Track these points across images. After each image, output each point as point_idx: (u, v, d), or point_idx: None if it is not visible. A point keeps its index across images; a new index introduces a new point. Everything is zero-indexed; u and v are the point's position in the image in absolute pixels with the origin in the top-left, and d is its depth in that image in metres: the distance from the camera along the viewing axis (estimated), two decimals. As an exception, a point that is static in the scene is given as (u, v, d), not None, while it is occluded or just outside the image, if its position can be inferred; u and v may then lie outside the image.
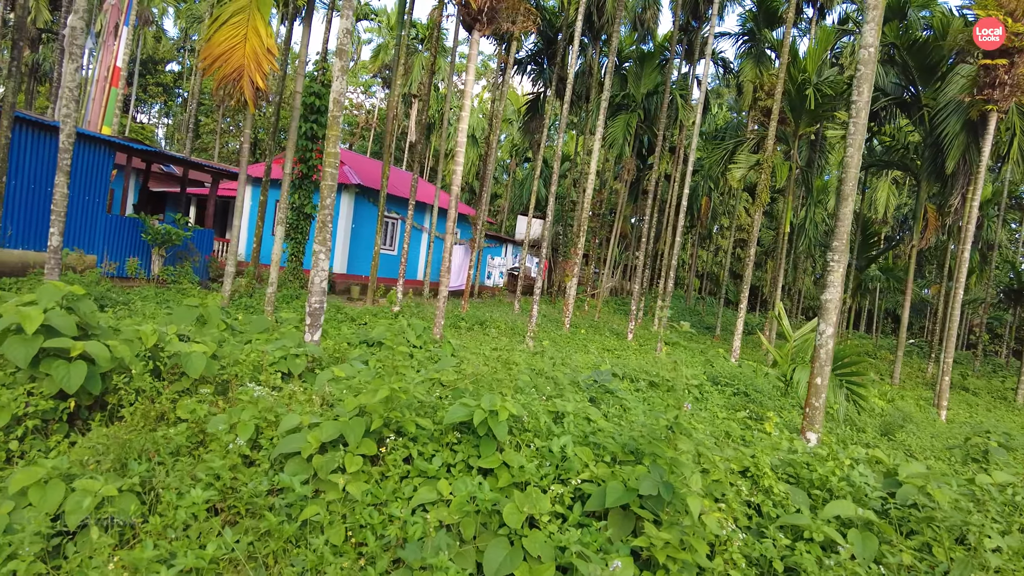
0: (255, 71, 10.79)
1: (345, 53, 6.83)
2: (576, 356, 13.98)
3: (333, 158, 6.83)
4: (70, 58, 8.37)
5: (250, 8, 10.77)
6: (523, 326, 18.25)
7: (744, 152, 20.54)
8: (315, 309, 6.85)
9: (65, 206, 8.50)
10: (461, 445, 4.34)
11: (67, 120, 8.39)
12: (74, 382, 4.44)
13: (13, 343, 4.45)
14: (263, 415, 4.52)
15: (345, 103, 15.04)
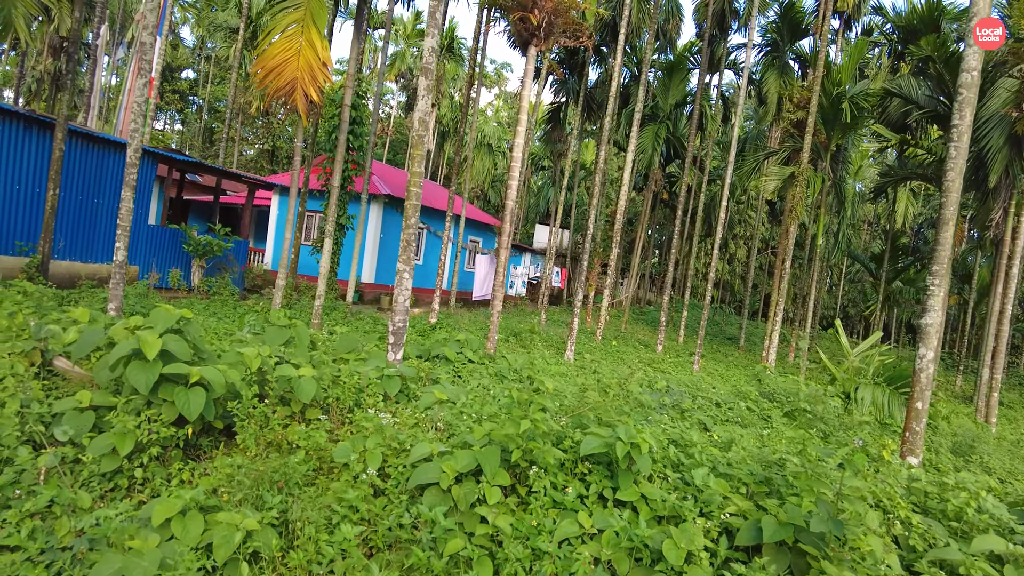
0: (309, 84, 10.75)
1: (431, 72, 6.79)
2: (621, 371, 13.89)
3: (418, 177, 6.77)
4: (140, 73, 8.34)
5: (305, 20, 10.75)
6: (556, 337, 18.15)
7: (775, 164, 20.46)
8: (398, 328, 6.78)
9: (131, 220, 8.46)
10: (593, 476, 4.26)
11: (135, 135, 8.35)
12: (194, 409, 4.38)
13: (135, 369, 4.39)
14: (388, 442, 4.45)
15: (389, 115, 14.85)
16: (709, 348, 24.70)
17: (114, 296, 8.42)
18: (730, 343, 29.32)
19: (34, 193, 11.65)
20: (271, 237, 23.28)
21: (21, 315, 5.50)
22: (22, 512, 3.69)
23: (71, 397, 4.65)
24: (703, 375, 15.90)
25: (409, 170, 6.80)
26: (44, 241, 11.11)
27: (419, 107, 6.68)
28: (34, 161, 11.58)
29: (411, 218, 6.80)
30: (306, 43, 10.71)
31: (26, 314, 5.66)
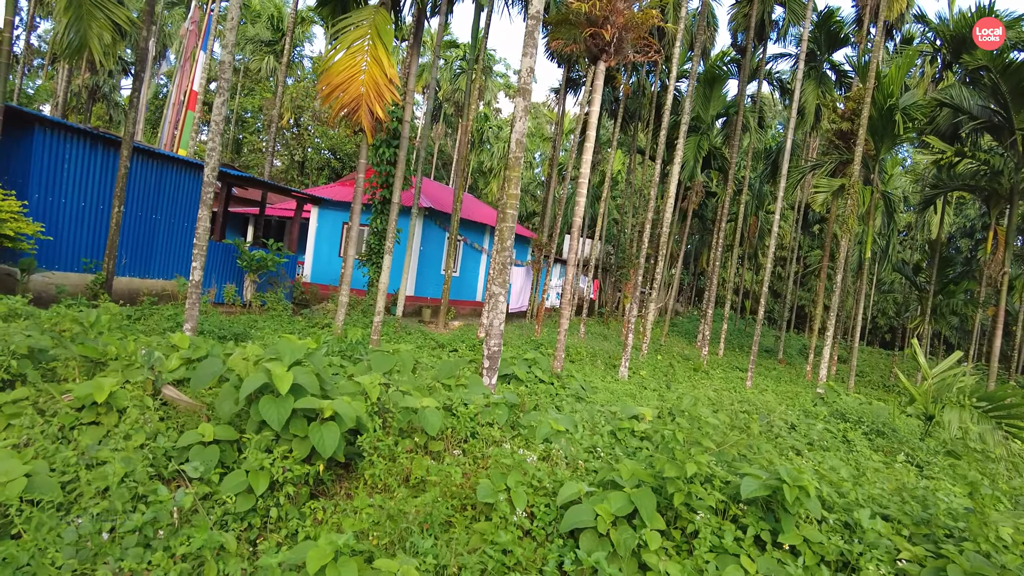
0: (375, 101, 10.69)
1: (528, 92, 6.66)
2: (680, 388, 13.64)
3: (515, 199, 6.63)
4: (218, 93, 8.30)
5: (371, 36, 10.70)
6: (602, 352, 17.93)
7: (821, 176, 20.17)
8: (494, 352, 6.63)
9: (207, 239, 8.40)
10: (748, 517, 4.07)
11: (212, 153, 8.31)
12: (328, 445, 4.25)
13: (267, 404, 4.27)
14: (529, 480, 4.29)
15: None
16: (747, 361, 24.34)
17: (190, 316, 8.36)
18: (768, 355, 28.92)
19: (98, 210, 11.67)
20: (310, 250, 23.30)
21: (132, 342, 5.41)
22: (170, 555, 3.59)
23: (193, 431, 4.54)
24: (758, 392, 15.62)
25: (505, 192, 6.67)
26: (108, 258, 11.10)
27: (516, 128, 6.55)
28: (98, 178, 11.61)
29: (507, 240, 6.66)
30: (372, 60, 10.65)
31: (137, 340, 5.57)
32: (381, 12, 10.81)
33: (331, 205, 22.78)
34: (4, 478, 3.86)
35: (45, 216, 10.71)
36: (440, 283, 23.56)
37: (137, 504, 4.05)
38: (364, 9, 10.90)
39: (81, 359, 5.39)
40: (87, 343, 5.52)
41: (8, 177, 10.47)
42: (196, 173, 13.75)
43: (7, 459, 4.07)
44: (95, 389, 4.66)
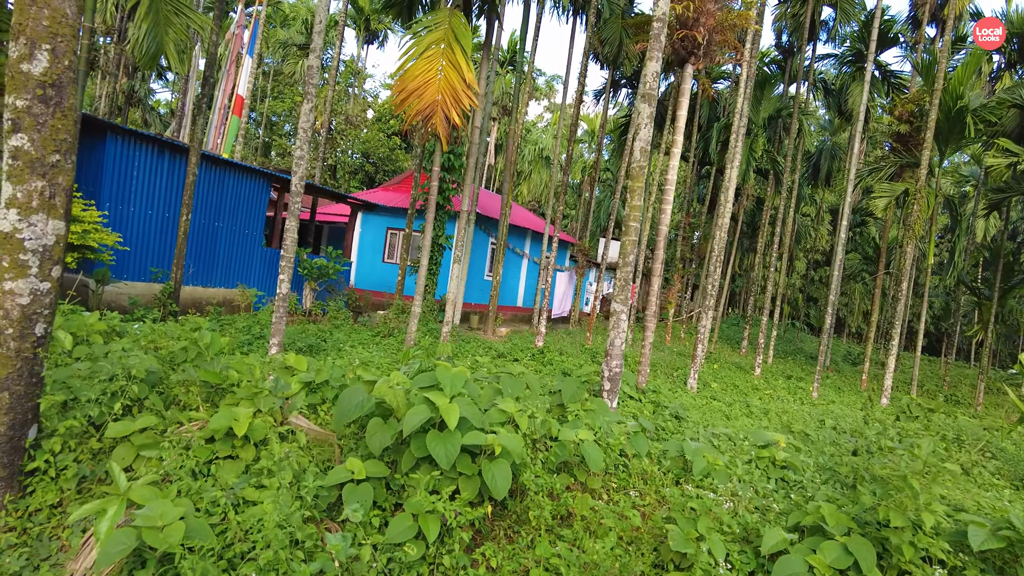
0: (451, 107, 10.37)
1: (653, 97, 6.30)
2: (756, 400, 13.18)
3: (637, 211, 6.27)
4: (306, 98, 8.02)
5: (447, 40, 10.39)
6: (661, 362, 17.49)
7: (880, 180, 19.61)
8: (615, 374, 6.28)
9: (294, 251, 8.12)
10: (970, 571, 3.67)
11: (300, 162, 8.03)
12: (501, 485, 3.91)
13: (434, 440, 3.94)
14: (718, 524, 3.92)
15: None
16: (797, 368, 23.77)
17: (276, 331, 8.08)
18: (812, 362, 28.25)
19: (163, 218, 11.48)
20: (355, 255, 23.08)
21: (259, 368, 5.10)
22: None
23: (342, 467, 4.22)
24: (826, 404, 15.12)
25: (628, 204, 6.31)
26: (176, 267, 10.89)
27: (641, 136, 6.19)
28: (165, 186, 11.42)
29: (629, 254, 6.30)
30: (448, 64, 10.34)
31: (260, 366, 5.29)
32: (456, 15, 10.51)
33: (375, 210, 22.55)
34: (161, 521, 3.55)
35: (117, 225, 10.52)
36: (483, 288, 23.27)
37: (294, 551, 3.74)
38: (439, 12, 10.60)
39: (202, 384, 5.11)
40: (207, 367, 5.23)
41: (82, 186, 10.29)
42: (255, 178, 13.53)
43: (157, 499, 3.77)
44: (232, 421, 4.37)
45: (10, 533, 4.21)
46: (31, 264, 4.19)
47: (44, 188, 4.22)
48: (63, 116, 4.33)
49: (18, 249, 4.13)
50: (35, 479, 4.46)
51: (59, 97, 4.28)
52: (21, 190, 4.13)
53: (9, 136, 4.11)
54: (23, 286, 4.17)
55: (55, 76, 4.24)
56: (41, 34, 4.18)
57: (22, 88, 4.13)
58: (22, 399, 4.32)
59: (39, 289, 4.25)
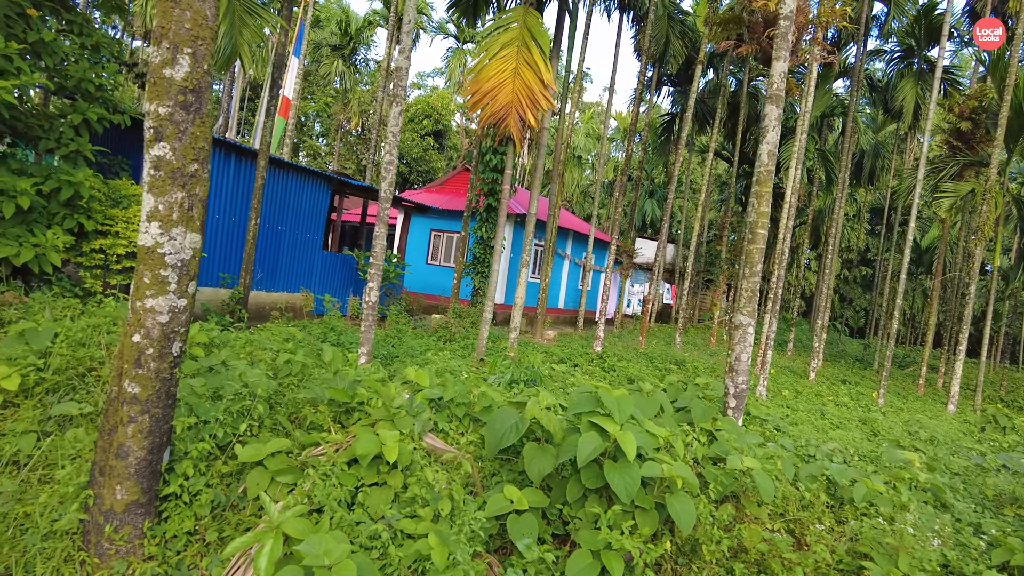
0: (527, 108, 10.08)
1: (781, 98, 5.97)
2: (831, 410, 12.74)
3: (765, 218, 5.94)
4: (395, 101, 7.77)
5: (522, 40, 10.10)
6: (722, 367, 17.06)
7: (943, 180, 19.02)
8: (741, 390, 5.95)
9: (383, 258, 7.88)
10: None
11: (389, 167, 7.78)
12: (685, 519, 3.61)
13: (613, 471, 3.64)
14: (920, 563, 3.58)
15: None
16: (849, 372, 23.20)
17: (365, 339, 7.85)
18: (860, 366, 27.60)
19: (230, 222, 11.32)
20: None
21: (394, 387, 4.84)
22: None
23: (500, 495, 3.94)
24: (895, 411, 14.64)
25: (756, 210, 5.98)
26: (245, 272, 10.71)
27: (769, 139, 5.85)
28: (231, 190, 11.26)
29: (756, 264, 5.97)
30: (523, 64, 10.05)
31: (395, 385, 5.03)
32: (532, 13, 10.21)
33: (419, 212, 22.33)
34: (328, 559, 3.29)
35: (185, 230, 10.33)
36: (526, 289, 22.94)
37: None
38: (513, 11, 10.32)
39: (330, 403, 4.86)
40: (331, 384, 4.99)
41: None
42: (317, 181, 13.35)
43: (315, 533, 3.52)
44: (380, 445, 4.10)
45: (151, 562, 4.00)
46: (170, 280, 3.97)
47: (183, 200, 4.00)
48: (202, 123, 4.10)
49: (159, 264, 3.92)
50: (170, 504, 4.25)
51: (199, 103, 4.05)
52: (163, 202, 3.91)
53: (151, 145, 3.88)
54: (163, 303, 3.95)
55: (195, 81, 4.01)
56: (183, 37, 3.94)
57: (164, 94, 3.90)
58: (160, 421, 4.11)
59: (177, 306, 4.03)
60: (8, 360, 5.32)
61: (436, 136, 38.79)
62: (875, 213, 47.40)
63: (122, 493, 4.00)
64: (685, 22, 24.85)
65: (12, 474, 4.79)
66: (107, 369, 5.64)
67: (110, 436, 4.04)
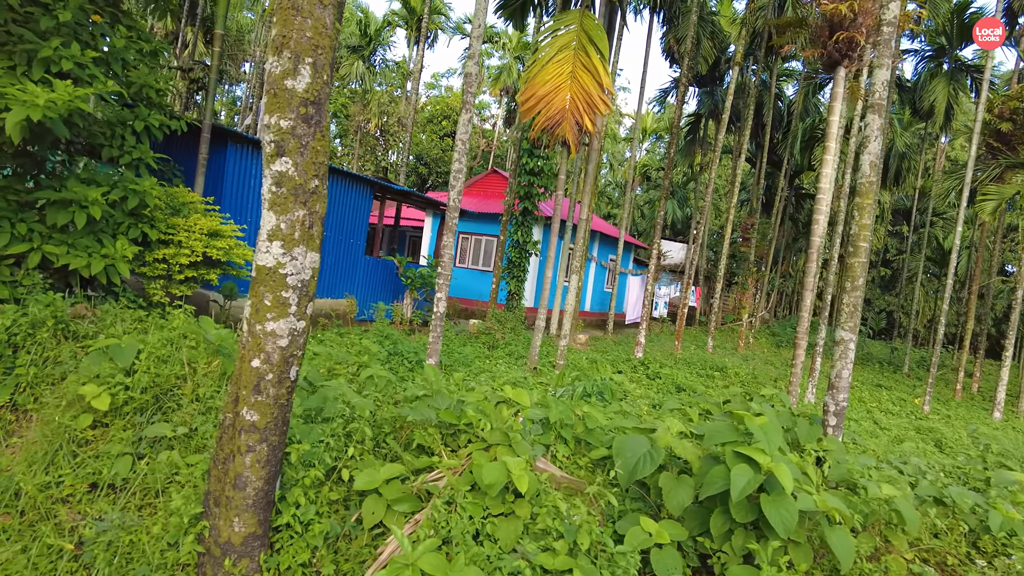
0: (583, 112, 9.88)
1: (882, 107, 5.75)
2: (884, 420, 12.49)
3: (867, 231, 5.73)
4: (464, 108, 7.58)
5: (579, 43, 9.90)
6: (764, 375, 16.81)
7: (984, 182, 18.70)
8: (841, 408, 5.72)
9: (451, 267, 7.69)
10: None
11: (458, 176, 7.59)
12: (846, 555, 3.41)
13: (771, 505, 3.43)
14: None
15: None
16: (883, 377, 22.89)
17: (434, 350, 7.68)
18: (890, 369, 27.25)
19: (278, 229, 11.13)
20: (423, 260, 22.75)
21: (506, 409, 4.64)
22: None
23: (638, 528, 3.74)
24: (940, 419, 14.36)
25: (857, 223, 5.76)
26: (296, 280, 10.49)
27: (871, 150, 5.64)
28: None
29: (859, 278, 5.75)
30: (580, 67, 9.85)
31: (507, 407, 4.83)
32: (588, 15, 10.01)
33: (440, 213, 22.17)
34: (477, 602, 3.10)
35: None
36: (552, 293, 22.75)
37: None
38: (569, 13, 10.12)
39: (438, 424, 4.67)
40: (432, 403, 4.80)
41: (206, 196, 9.99)
42: (361, 186, 13.18)
43: (456, 571, 3.34)
44: (506, 474, 3.91)
45: (269, 597, 3.83)
46: (291, 302, 3.79)
47: (305, 217, 3.82)
48: (322, 137, 3.91)
49: (281, 286, 3.74)
50: (282, 535, 4.08)
51: (319, 116, 3.86)
52: (285, 220, 3.73)
53: (273, 160, 3.70)
54: (283, 327, 3.77)
55: (316, 93, 3.82)
56: (305, 47, 3.75)
57: (286, 107, 3.71)
58: (276, 449, 3.94)
59: (296, 329, 3.85)
60: (95, 378, 5.17)
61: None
62: (895, 214, 46.91)
63: (240, 525, 3.83)
64: (715, 23, 24.62)
65: (111, 499, 4.64)
66: (190, 387, 5.49)
67: (225, 465, 3.87)
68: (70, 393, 5.14)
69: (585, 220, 11.27)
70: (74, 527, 4.43)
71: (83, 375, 5.13)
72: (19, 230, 6.34)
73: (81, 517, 4.54)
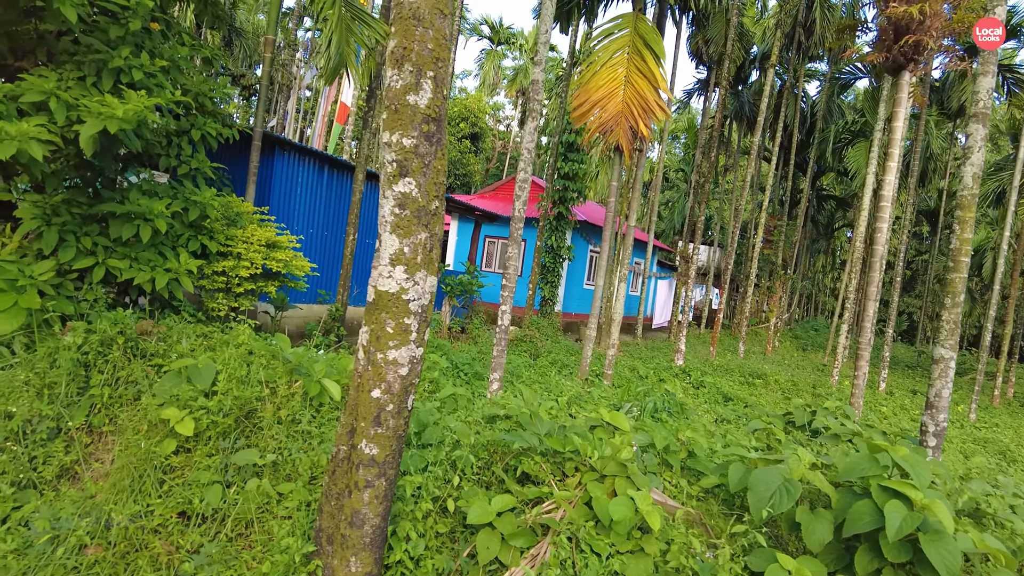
0: (639, 117, 9.66)
1: (986, 116, 5.52)
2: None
3: (968, 244, 5.50)
4: (531, 116, 7.38)
5: (634, 47, 9.68)
6: (800, 380, 16.54)
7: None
8: (941, 428, 5.50)
9: (515, 279, 7.50)
10: None
11: (524, 186, 7.40)
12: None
13: (931, 546, 3.21)
14: None
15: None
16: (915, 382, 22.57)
17: (497, 365, 7.49)
18: (919, 373, 26.89)
19: (322, 236, 11.00)
20: (450, 264, 22.57)
21: (618, 436, 4.43)
22: None
23: (776, 565, 3.53)
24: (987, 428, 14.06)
25: (959, 236, 5.54)
26: (343, 289, 10.36)
27: (974, 160, 5.41)
28: (323, 203, 10.93)
29: (959, 294, 5.52)
30: (635, 72, 9.64)
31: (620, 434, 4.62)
32: (642, 19, 9.79)
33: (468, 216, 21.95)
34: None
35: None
36: (581, 297, 22.56)
37: None
38: (623, 17, 9.90)
39: (548, 453, 4.47)
40: (539, 431, 4.60)
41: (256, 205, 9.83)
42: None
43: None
44: (632, 508, 3.71)
45: (383, 643, 3.64)
46: (412, 328, 3.60)
47: (426, 240, 3.63)
48: (442, 155, 3.72)
49: (403, 312, 3.55)
50: (393, 572, 3.90)
51: (440, 133, 3.67)
52: (408, 244, 3.55)
53: (395, 181, 3.51)
54: (404, 355, 3.59)
55: (436, 109, 3.63)
56: (426, 59, 3.56)
57: (408, 124, 3.52)
58: (392, 483, 3.76)
59: (415, 356, 3.67)
60: (175, 400, 5.00)
61: (472, 139, 38.44)
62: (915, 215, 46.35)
63: (357, 565, 3.65)
64: (742, 24, 24.37)
65: (202, 529, 4.46)
66: (270, 409, 5.30)
67: (339, 500, 3.69)
68: (152, 416, 4.96)
69: (633, 226, 11.04)
70: (169, 560, 4.26)
71: (159, 396, 4.96)
72: (84, 244, 6.19)
73: (175, 549, 4.37)
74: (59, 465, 5.06)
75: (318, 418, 4.83)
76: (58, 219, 5.94)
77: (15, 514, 4.64)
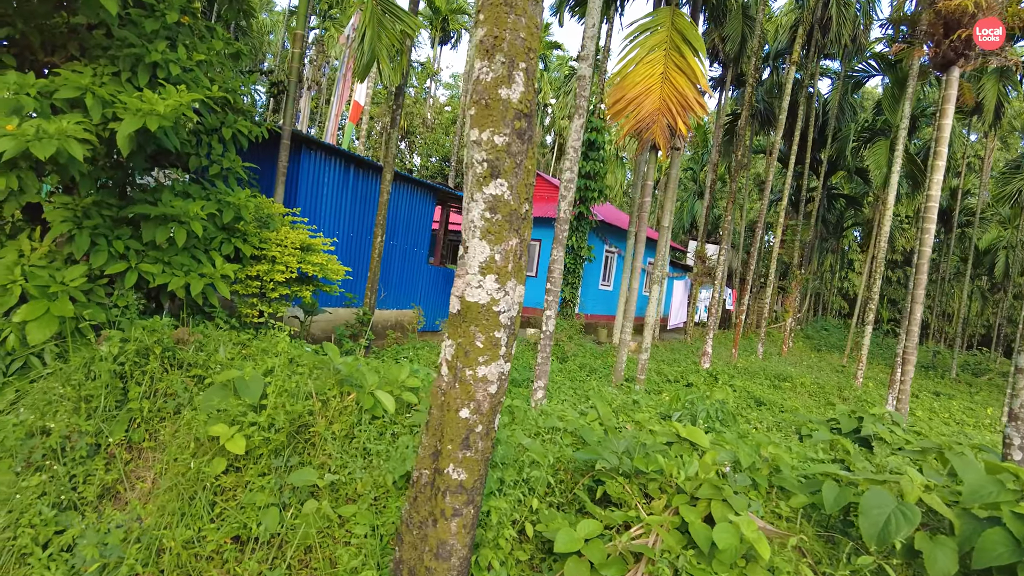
0: (677, 114, 9.36)
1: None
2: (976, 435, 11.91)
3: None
4: (577, 113, 7.08)
5: (671, 42, 9.38)
6: (825, 382, 16.24)
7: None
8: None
9: (561, 282, 7.20)
10: None
11: (570, 186, 7.10)
12: None
13: None
14: None
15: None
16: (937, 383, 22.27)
17: (542, 372, 7.19)
18: (937, 373, 26.58)
19: (348, 237, 10.70)
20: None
21: (710, 455, 4.12)
22: None
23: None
24: None
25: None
26: (370, 291, 10.06)
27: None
28: (349, 204, 10.63)
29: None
30: (673, 68, 9.33)
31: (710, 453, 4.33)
32: (679, 14, 9.50)
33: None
34: None
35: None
36: (596, 299, 22.27)
37: None
38: (660, 12, 9.60)
39: (635, 473, 4.16)
40: (616, 448, 4.30)
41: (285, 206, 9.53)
42: (425, 193, 12.71)
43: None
44: (737, 536, 3.41)
45: None
46: (502, 342, 3.31)
47: (516, 247, 3.33)
48: (532, 155, 3.42)
49: (494, 325, 3.26)
50: (477, 605, 3.60)
51: (530, 131, 3.37)
52: (499, 251, 3.25)
53: (486, 182, 3.21)
54: (494, 371, 3.30)
55: (528, 104, 3.32)
56: (519, 50, 3.26)
57: (500, 120, 3.21)
58: (479, 509, 3.47)
59: (503, 372, 3.37)
60: (221, 413, 4.69)
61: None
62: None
63: (441, 600, 3.36)
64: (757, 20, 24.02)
65: (259, 555, 4.15)
66: (323, 424, 4.99)
67: (423, 530, 3.40)
68: (198, 433, 4.65)
69: (667, 228, 10.75)
70: (226, 591, 3.97)
71: (203, 411, 4.65)
72: (116, 248, 5.89)
73: (233, 579, 4.08)
74: (100, 484, 4.77)
75: (372, 432, 4.53)
76: (89, 222, 5.63)
77: (57, 539, 4.34)
